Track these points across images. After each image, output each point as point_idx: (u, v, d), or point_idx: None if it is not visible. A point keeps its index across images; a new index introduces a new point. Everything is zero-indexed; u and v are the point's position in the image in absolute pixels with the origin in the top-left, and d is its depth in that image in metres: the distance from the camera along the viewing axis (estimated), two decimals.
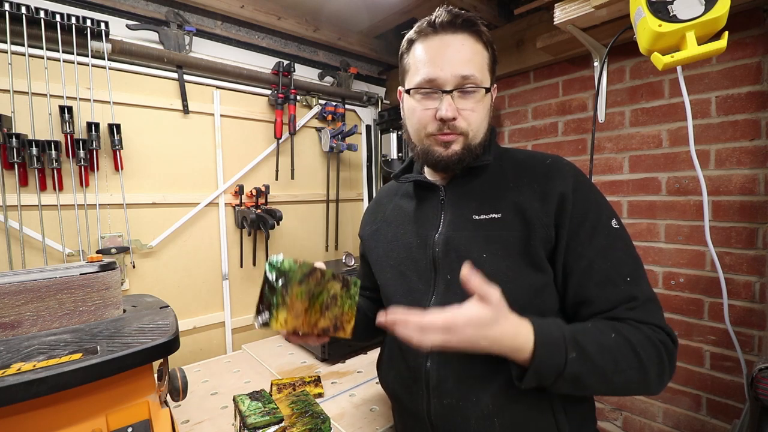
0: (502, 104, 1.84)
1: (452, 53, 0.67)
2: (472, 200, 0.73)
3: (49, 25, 1.21)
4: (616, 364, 0.58)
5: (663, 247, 1.38)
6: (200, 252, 1.61)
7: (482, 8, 1.59)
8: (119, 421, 0.64)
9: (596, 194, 0.69)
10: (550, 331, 0.59)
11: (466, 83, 0.66)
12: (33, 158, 1.18)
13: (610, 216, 0.67)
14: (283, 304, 0.57)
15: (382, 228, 0.86)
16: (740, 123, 1.21)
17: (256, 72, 1.70)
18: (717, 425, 1.28)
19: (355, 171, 2.19)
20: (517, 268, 0.66)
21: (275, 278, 0.57)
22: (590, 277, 0.64)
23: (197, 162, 1.59)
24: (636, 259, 0.66)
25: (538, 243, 0.65)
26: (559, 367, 0.57)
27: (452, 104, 0.67)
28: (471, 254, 0.68)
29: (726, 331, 1.18)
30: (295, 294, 0.58)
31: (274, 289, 0.57)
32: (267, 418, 0.82)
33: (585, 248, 0.65)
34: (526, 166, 0.73)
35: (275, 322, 0.57)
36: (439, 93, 0.68)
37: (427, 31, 0.69)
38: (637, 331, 0.61)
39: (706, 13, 0.79)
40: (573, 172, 0.70)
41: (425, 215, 0.77)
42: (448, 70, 0.66)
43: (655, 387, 0.61)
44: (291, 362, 1.38)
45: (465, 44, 0.67)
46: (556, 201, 0.66)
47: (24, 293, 0.69)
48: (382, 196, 0.94)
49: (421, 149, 0.73)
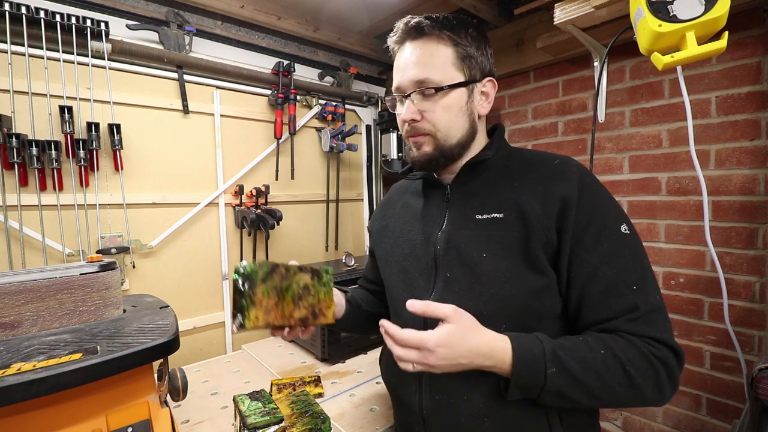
0: (502, 104, 1.84)
1: (406, 60, 0.71)
2: (476, 199, 0.73)
3: (49, 25, 1.21)
4: (602, 381, 0.58)
5: (663, 247, 1.38)
6: (200, 252, 1.61)
7: (482, 8, 1.58)
8: (119, 421, 0.64)
9: (604, 197, 0.67)
10: (530, 347, 0.59)
11: (423, 86, 0.69)
12: (33, 158, 1.18)
13: (619, 221, 0.65)
14: (252, 303, 0.62)
15: (391, 224, 0.88)
16: (740, 123, 1.21)
17: (256, 72, 1.70)
18: (717, 425, 1.28)
19: (355, 171, 2.19)
20: (516, 270, 0.65)
21: (241, 282, 0.62)
22: (593, 284, 0.63)
23: (197, 162, 1.59)
24: (645, 266, 0.64)
25: (538, 245, 0.64)
26: (540, 382, 0.58)
27: (411, 107, 0.70)
28: (471, 253, 0.68)
29: (726, 331, 1.18)
30: (261, 291, 0.63)
31: (242, 292, 0.62)
32: (267, 418, 0.82)
33: (589, 254, 0.63)
34: (532, 166, 0.72)
35: (248, 321, 0.62)
36: (402, 98, 0.72)
37: (396, 41, 0.74)
38: (630, 347, 0.59)
39: (706, 13, 0.79)
40: (579, 174, 0.68)
41: (430, 213, 0.78)
42: (405, 76, 0.70)
43: (654, 402, 0.60)
44: (291, 362, 1.38)
45: (422, 49, 0.70)
46: (559, 204, 0.65)
47: (24, 293, 0.69)
48: (393, 192, 0.96)
49: (406, 150, 0.77)
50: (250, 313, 0.62)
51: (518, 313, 0.65)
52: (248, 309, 0.62)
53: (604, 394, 0.59)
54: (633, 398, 0.59)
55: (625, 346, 0.59)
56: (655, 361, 0.59)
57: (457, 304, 0.61)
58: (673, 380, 0.60)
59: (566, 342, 0.61)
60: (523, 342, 0.59)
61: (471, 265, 0.67)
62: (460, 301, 0.64)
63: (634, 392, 0.58)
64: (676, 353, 0.61)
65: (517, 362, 0.58)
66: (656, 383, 0.59)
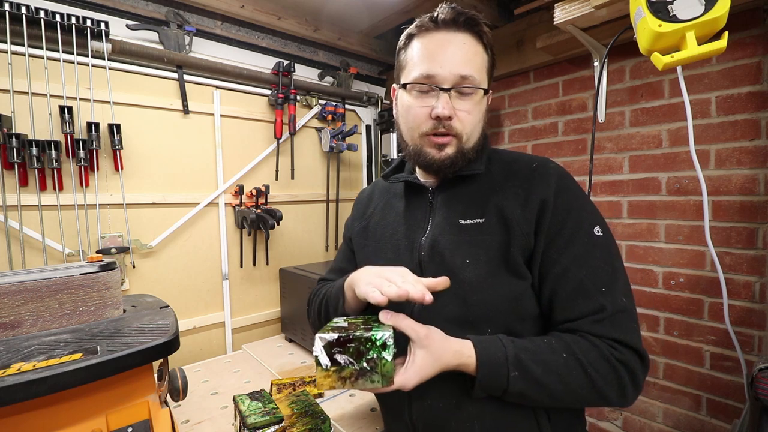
0: (502, 104, 1.84)
1: (453, 51, 0.65)
2: (460, 204, 0.72)
3: (49, 25, 1.21)
4: (564, 385, 0.59)
5: (663, 247, 1.38)
6: (200, 252, 1.61)
7: (482, 8, 1.59)
8: (119, 421, 0.64)
9: (580, 200, 0.67)
10: (492, 351, 0.60)
11: (465, 83, 0.65)
12: (33, 158, 1.18)
13: (593, 223, 0.65)
14: (341, 382, 0.55)
15: (372, 225, 0.85)
16: (740, 123, 1.21)
17: (256, 72, 1.70)
18: (717, 425, 1.28)
19: (355, 171, 2.19)
20: (498, 275, 0.65)
21: (367, 359, 0.55)
22: (563, 285, 0.63)
23: (197, 162, 1.59)
24: (616, 268, 0.64)
25: (517, 250, 0.65)
26: (503, 385, 0.59)
27: (449, 103, 0.65)
28: (454, 259, 0.67)
29: (726, 331, 1.18)
30: (355, 385, 0.56)
31: (359, 368, 0.55)
32: (267, 418, 0.82)
33: (560, 255, 0.64)
34: (512, 169, 0.72)
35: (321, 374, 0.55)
36: (436, 90, 0.66)
37: (428, 26, 0.67)
38: (592, 350, 0.59)
39: (706, 13, 0.79)
40: (558, 177, 0.67)
41: (414, 217, 0.76)
42: (447, 67, 0.64)
43: (618, 404, 0.61)
44: (291, 362, 1.38)
45: (466, 44, 0.66)
46: (537, 207, 0.65)
47: (24, 293, 0.69)
48: (374, 191, 0.91)
49: (413, 149, 0.71)
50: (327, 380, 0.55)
51: (502, 318, 0.65)
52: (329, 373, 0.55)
53: (567, 397, 0.60)
54: (596, 400, 0.61)
55: (587, 349, 0.60)
56: (617, 365, 0.59)
57: (442, 310, 0.63)
58: (636, 383, 0.60)
59: (530, 344, 0.61)
60: (486, 346, 0.60)
61: (455, 271, 0.66)
62: (444, 307, 0.65)
63: (596, 395, 0.60)
64: (641, 356, 0.61)
65: (480, 367, 0.59)
66: (618, 386, 0.59)
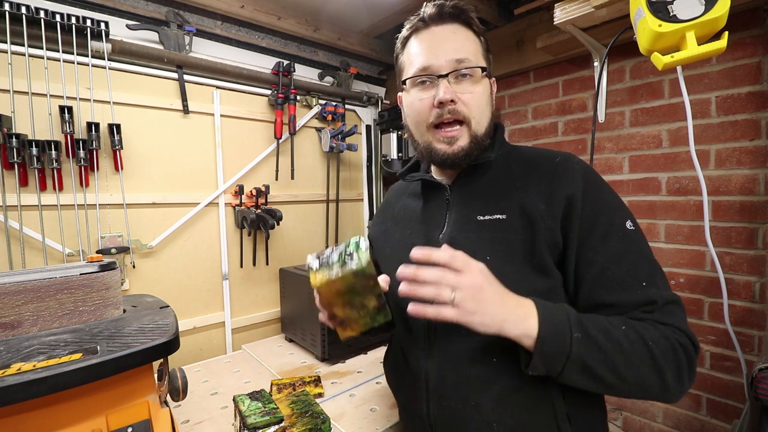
0: (502, 104, 1.84)
1: (445, 41, 0.68)
2: (478, 200, 0.71)
3: (49, 25, 1.21)
4: (626, 357, 0.55)
5: (663, 247, 1.38)
6: (200, 252, 1.60)
7: (482, 8, 1.58)
8: (119, 421, 0.64)
9: (609, 195, 0.66)
10: (553, 311, 0.57)
11: (461, 66, 0.67)
12: (33, 158, 1.18)
13: (624, 217, 0.64)
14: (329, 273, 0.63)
15: (391, 228, 0.85)
16: (740, 123, 1.21)
17: (256, 72, 1.70)
18: (717, 425, 1.28)
19: (355, 171, 2.19)
20: (522, 273, 0.64)
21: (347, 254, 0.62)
22: (602, 285, 0.61)
23: (197, 162, 1.59)
24: (652, 261, 0.63)
25: (543, 246, 0.63)
26: (566, 348, 0.55)
27: (449, 87, 0.66)
28: (474, 256, 0.66)
29: (726, 331, 1.18)
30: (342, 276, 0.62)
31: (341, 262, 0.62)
32: (267, 418, 0.82)
33: (596, 254, 0.62)
34: (534, 164, 0.71)
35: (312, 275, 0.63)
36: (435, 79, 0.68)
37: (418, 25, 0.71)
38: (652, 328, 0.57)
39: (706, 13, 0.79)
40: (583, 171, 0.66)
41: (431, 215, 0.76)
42: (442, 56, 0.67)
43: (674, 390, 0.57)
44: (291, 362, 1.38)
45: (456, 32, 0.69)
46: (564, 204, 0.64)
47: (24, 293, 0.69)
48: (391, 195, 0.93)
49: (424, 146, 0.72)
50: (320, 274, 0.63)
51: None
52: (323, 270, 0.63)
53: (628, 373, 0.55)
54: (654, 381, 0.56)
55: (646, 327, 0.58)
56: (677, 345, 0.57)
57: None
58: (692, 368, 0.58)
59: (587, 315, 0.60)
60: (548, 306, 0.58)
61: None
62: None
63: (656, 374, 0.56)
64: (694, 343, 0.59)
65: (543, 324, 0.55)
66: (677, 368, 0.56)
